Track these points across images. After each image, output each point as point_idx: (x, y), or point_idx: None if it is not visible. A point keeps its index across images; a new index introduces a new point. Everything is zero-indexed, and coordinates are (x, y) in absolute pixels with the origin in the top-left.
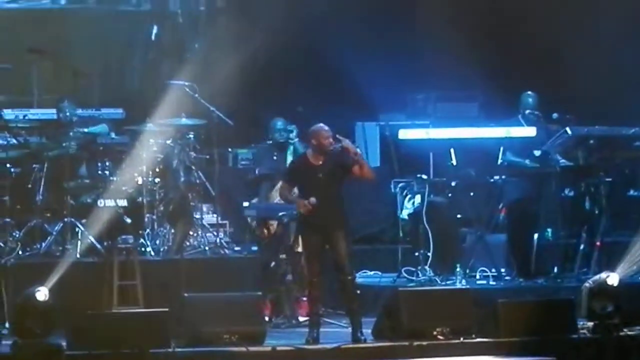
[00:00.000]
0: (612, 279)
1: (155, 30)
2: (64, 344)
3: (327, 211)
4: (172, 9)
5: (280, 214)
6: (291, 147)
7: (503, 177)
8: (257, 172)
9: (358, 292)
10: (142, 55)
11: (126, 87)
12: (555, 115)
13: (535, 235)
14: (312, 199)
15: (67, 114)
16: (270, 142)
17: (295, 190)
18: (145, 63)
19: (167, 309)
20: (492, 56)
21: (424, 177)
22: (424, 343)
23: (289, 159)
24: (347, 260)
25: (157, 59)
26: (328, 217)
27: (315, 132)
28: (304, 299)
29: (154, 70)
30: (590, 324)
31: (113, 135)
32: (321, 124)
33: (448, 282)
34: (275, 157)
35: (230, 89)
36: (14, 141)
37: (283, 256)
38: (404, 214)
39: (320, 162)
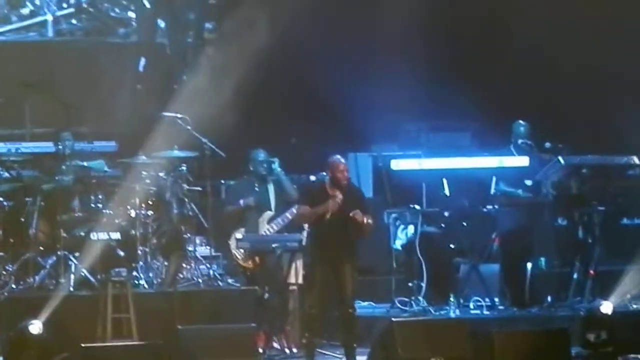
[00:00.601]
0: (606, 307)
1: (143, 62)
2: None
3: (338, 243)
4: (160, 40)
5: (274, 245)
6: (273, 179)
7: (496, 207)
8: (241, 203)
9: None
10: (131, 88)
11: (116, 119)
12: (547, 144)
13: (529, 265)
14: (338, 194)
15: (67, 146)
16: (252, 174)
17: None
18: (134, 95)
19: (161, 342)
20: (484, 86)
21: (417, 207)
22: None
23: (271, 190)
24: (352, 294)
25: (146, 91)
26: (339, 249)
27: (330, 164)
28: (298, 331)
29: (142, 102)
30: (585, 352)
31: (106, 168)
32: (337, 156)
33: (442, 312)
34: (257, 189)
35: (221, 120)
36: (7, 174)
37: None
38: (397, 245)
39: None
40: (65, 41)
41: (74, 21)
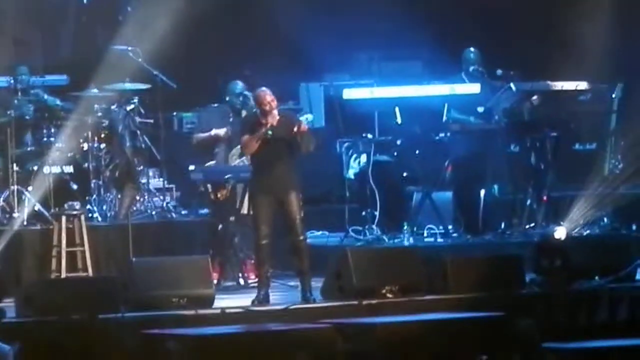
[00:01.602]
0: (560, 233)
1: None
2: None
3: (279, 172)
4: None
5: (227, 176)
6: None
7: (448, 134)
8: (212, 133)
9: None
10: (75, 20)
11: (63, 53)
12: (499, 71)
13: (482, 192)
14: (274, 112)
15: (22, 80)
16: (227, 104)
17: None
18: (79, 28)
19: (115, 274)
20: (435, 13)
21: (369, 136)
22: (373, 302)
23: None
24: (299, 222)
25: (91, 23)
26: (280, 177)
27: (256, 98)
28: (252, 261)
29: (88, 34)
30: (539, 278)
31: (58, 101)
32: (262, 88)
33: (396, 241)
34: (231, 119)
35: (170, 51)
36: None
37: (232, 219)
38: (350, 174)
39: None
40: None
41: None
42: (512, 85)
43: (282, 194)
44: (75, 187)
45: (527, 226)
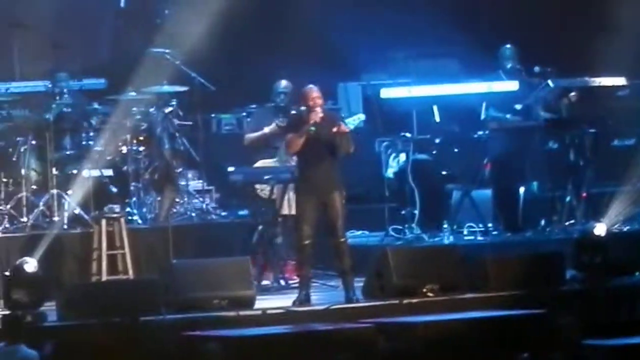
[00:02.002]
0: (599, 229)
1: None
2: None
3: (322, 172)
4: None
5: (267, 177)
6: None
7: (487, 132)
8: (264, 130)
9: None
10: (112, 24)
11: (101, 57)
12: (536, 68)
13: (521, 189)
14: (317, 110)
15: (61, 85)
16: (273, 105)
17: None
18: (117, 31)
19: (156, 277)
20: (472, 10)
21: (408, 135)
22: (414, 301)
23: None
24: (341, 223)
25: (128, 27)
26: (324, 178)
27: (302, 94)
28: (292, 262)
29: (125, 38)
30: (580, 275)
31: (96, 105)
32: (309, 85)
33: (436, 239)
34: (280, 119)
35: (208, 53)
36: None
37: (272, 219)
38: (389, 173)
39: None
40: None
41: None
42: (549, 82)
43: (325, 195)
44: (114, 190)
45: (567, 223)
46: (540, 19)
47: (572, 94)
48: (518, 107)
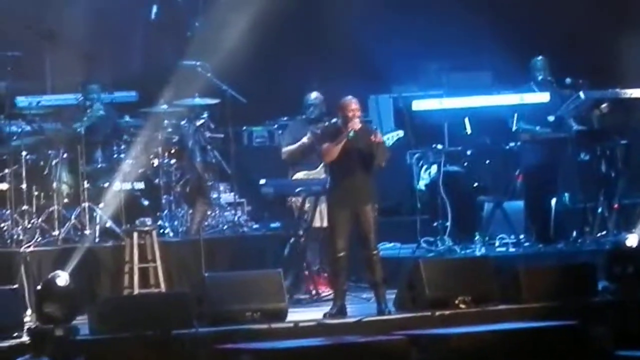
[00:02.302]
0: (631, 240)
1: (154, 9)
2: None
3: (356, 183)
4: None
5: (298, 189)
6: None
7: (518, 143)
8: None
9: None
10: (143, 36)
11: (132, 69)
12: (568, 80)
13: (553, 200)
14: (356, 120)
15: (93, 98)
16: (304, 117)
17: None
18: (147, 44)
19: (188, 290)
20: (503, 22)
21: (440, 147)
22: (446, 312)
23: None
24: (374, 235)
25: (158, 39)
26: (357, 189)
27: (341, 105)
28: (324, 274)
29: (156, 50)
30: (612, 286)
31: (128, 118)
32: (349, 97)
33: (467, 251)
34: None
35: (239, 65)
36: (29, 128)
37: (304, 232)
38: (421, 185)
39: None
40: None
41: None
42: (581, 93)
43: (358, 206)
44: (146, 203)
45: (599, 234)
46: (572, 31)
47: (604, 105)
48: (550, 118)
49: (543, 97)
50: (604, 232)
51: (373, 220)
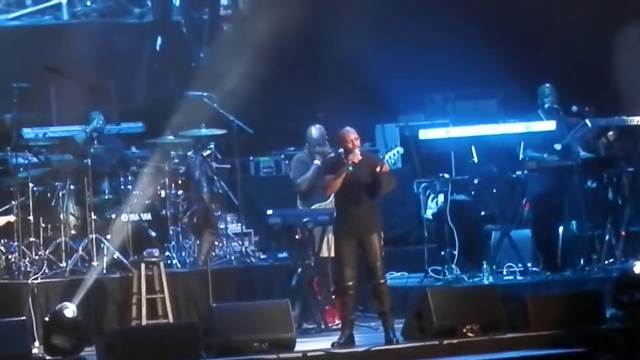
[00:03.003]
0: (639, 267)
1: (159, 41)
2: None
3: (361, 213)
4: (175, 19)
5: (305, 219)
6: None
7: (525, 172)
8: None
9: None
10: (148, 67)
11: (136, 100)
12: (574, 108)
13: (560, 228)
14: (356, 151)
15: (100, 127)
16: (307, 150)
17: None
18: (151, 75)
19: (196, 320)
20: (509, 51)
21: (446, 176)
22: (454, 341)
23: None
24: (380, 264)
25: (163, 70)
26: (362, 219)
27: (340, 137)
28: (332, 305)
29: (161, 81)
30: (620, 313)
31: (134, 149)
32: (346, 128)
33: (475, 280)
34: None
35: (245, 96)
36: (35, 160)
37: (309, 262)
38: (428, 214)
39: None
40: (80, 23)
41: (88, 3)
42: (587, 121)
43: (364, 236)
44: (153, 234)
45: (606, 262)
46: (579, 59)
47: (610, 133)
48: (557, 146)
49: (549, 125)
50: (612, 260)
51: (379, 249)
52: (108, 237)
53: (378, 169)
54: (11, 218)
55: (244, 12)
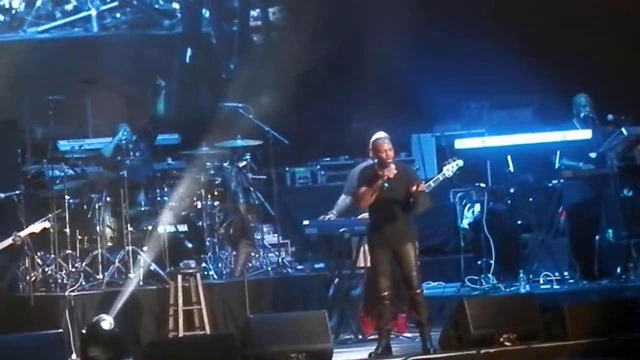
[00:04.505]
0: None
1: (189, 52)
2: None
3: (395, 225)
4: (205, 30)
5: (341, 230)
6: None
7: (561, 181)
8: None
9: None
10: (179, 79)
11: (168, 112)
12: (610, 116)
13: (597, 237)
14: (391, 167)
15: (125, 138)
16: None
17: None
18: (182, 86)
19: (233, 332)
20: (545, 59)
21: (483, 185)
22: (492, 350)
23: None
24: (416, 274)
25: (194, 82)
26: (397, 231)
27: (373, 146)
28: (370, 315)
29: (192, 93)
30: None
31: (170, 160)
32: (379, 134)
33: (512, 289)
34: None
35: (280, 107)
36: (71, 172)
37: (347, 272)
38: (465, 224)
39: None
40: (110, 35)
41: (118, 15)
42: (623, 130)
43: (398, 247)
44: (190, 245)
45: None
46: (615, 68)
47: None
48: (592, 155)
49: (585, 134)
50: None
51: (414, 259)
52: (144, 248)
53: (414, 188)
54: (47, 224)
55: (274, 22)
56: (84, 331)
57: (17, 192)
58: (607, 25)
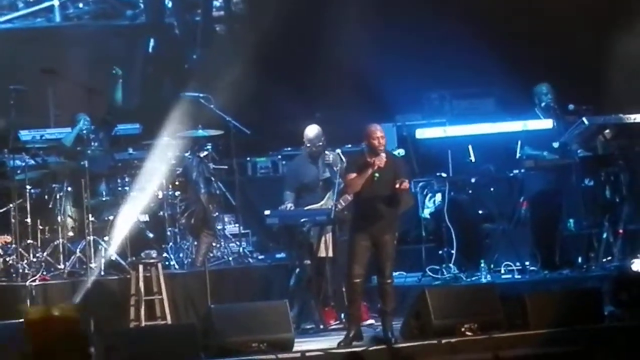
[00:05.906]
0: (637, 265)
1: (152, 43)
2: None
3: (380, 213)
4: (168, 21)
5: (303, 219)
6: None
7: (523, 170)
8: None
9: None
10: (142, 69)
11: (130, 102)
12: (571, 106)
13: (558, 227)
14: (382, 155)
15: (85, 128)
16: (305, 150)
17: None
18: (145, 77)
19: (194, 322)
20: (506, 50)
21: (444, 175)
22: (453, 340)
23: (322, 168)
24: (390, 265)
25: (157, 72)
26: (380, 219)
27: (366, 132)
28: (330, 306)
29: (154, 83)
30: (618, 311)
31: (131, 150)
32: (374, 124)
33: (473, 278)
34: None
35: (241, 96)
36: (32, 162)
37: (307, 262)
38: (426, 213)
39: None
40: (72, 26)
41: (80, 5)
42: (584, 119)
43: (379, 236)
44: (151, 235)
45: (604, 260)
46: (575, 57)
47: (607, 131)
48: (554, 145)
49: (547, 123)
50: (609, 258)
51: (391, 250)
52: (106, 238)
53: (397, 185)
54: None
55: (236, 13)
56: None
57: None
58: (568, 15)
